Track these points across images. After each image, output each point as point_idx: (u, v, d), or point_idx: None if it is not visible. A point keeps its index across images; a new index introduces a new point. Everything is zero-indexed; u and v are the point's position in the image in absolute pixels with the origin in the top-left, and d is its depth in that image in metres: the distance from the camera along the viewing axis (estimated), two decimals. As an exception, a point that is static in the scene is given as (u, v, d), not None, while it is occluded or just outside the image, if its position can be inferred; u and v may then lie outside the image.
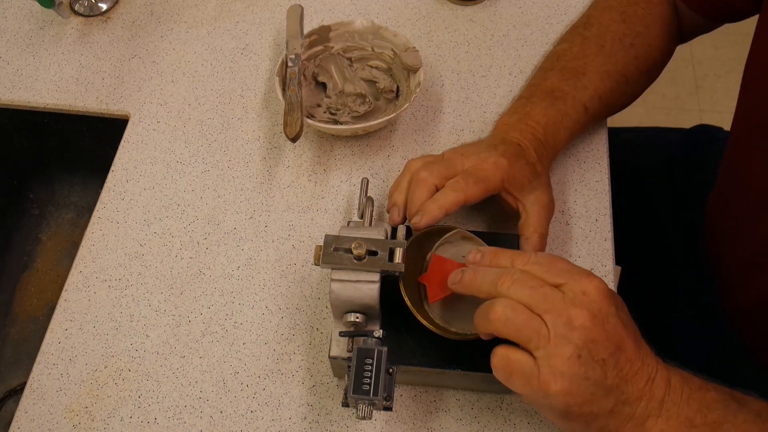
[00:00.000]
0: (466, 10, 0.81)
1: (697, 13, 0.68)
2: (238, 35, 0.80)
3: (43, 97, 0.75)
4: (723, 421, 0.43)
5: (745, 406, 0.44)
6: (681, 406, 0.44)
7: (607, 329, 0.43)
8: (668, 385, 0.44)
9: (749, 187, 0.63)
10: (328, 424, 0.56)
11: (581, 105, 0.64)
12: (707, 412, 0.44)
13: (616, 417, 0.44)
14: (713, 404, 0.44)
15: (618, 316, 0.44)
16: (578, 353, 0.43)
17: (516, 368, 0.45)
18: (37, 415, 0.57)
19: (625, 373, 0.44)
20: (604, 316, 0.44)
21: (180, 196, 0.68)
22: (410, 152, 0.70)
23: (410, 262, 0.54)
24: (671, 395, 0.44)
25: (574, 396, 0.43)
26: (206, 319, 0.61)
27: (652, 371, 0.44)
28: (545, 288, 0.44)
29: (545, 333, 0.43)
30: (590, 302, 0.44)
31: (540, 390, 0.43)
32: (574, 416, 0.44)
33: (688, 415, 0.44)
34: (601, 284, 0.45)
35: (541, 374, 0.43)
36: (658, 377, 0.44)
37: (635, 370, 0.44)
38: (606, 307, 0.44)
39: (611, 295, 0.45)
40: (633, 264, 0.87)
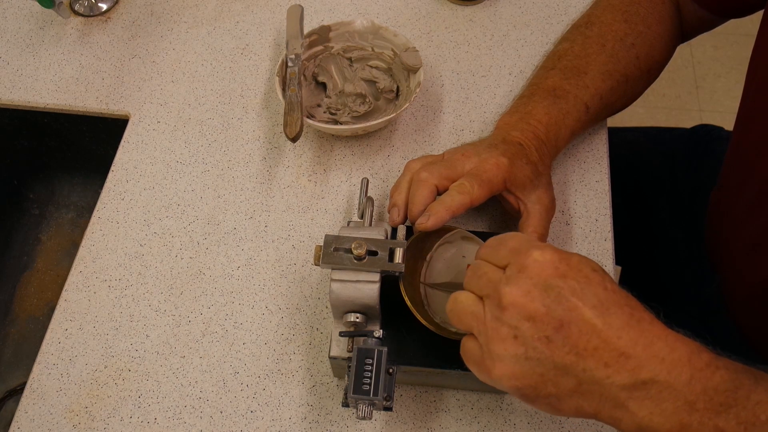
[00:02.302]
0: (466, 10, 0.81)
1: (702, 8, 0.68)
2: (238, 35, 0.80)
3: (43, 97, 0.75)
4: (732, 404, 0.38)
5: (761, 384, 0.39)
6: (679, 387, 0.39)
7: (550, 304, 0.40)
8: (661, 363, 0.39)
9: (754, 177, 0.63)
10: (328, 424, 0.56)
11: (582, 104, 0.64)
12: (713, 394, 0.39)
13: (586, 397, 0.41)
14: (722, 385, 0.39)
15: (570, 286, 0.40)
16: (514, 333, 0.40)
17: (469, 357, 0.44)
18: (37, 415, 0.57)
19: (581, 348, 0.39)
20: (543, 288, 0.40)
21: (180, 196, 0.68)
22: (410, 152, 0.70)
23: (410, 262, 0.54)
24: (665, 375, 0.39)
25: (521, 379, 0.41)
26: (206, 319, 0.61)
27: (626, 346, 0.39)
28: (489, 272, 0.43)
29: (482, 317, 0.42)
30: (527, 277, 0.40)
31: (488, 376, 0.42)
32: (534, 399, 0.42)
33: (688, 399, 0.39)
34: (544, 255, 0.41)
35: (485, 360, 0.42)
36: (640, 354, 0.39)
37: (595, 344, 0.39)
38: (548, 279, 0.40)
39: (560, 265, 0.41)
40: (633, 264, 0.87)
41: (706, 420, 0.38)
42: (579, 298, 0.40)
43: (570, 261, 0.41)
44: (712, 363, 0.40)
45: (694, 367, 0.39)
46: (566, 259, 0.41)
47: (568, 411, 0.42)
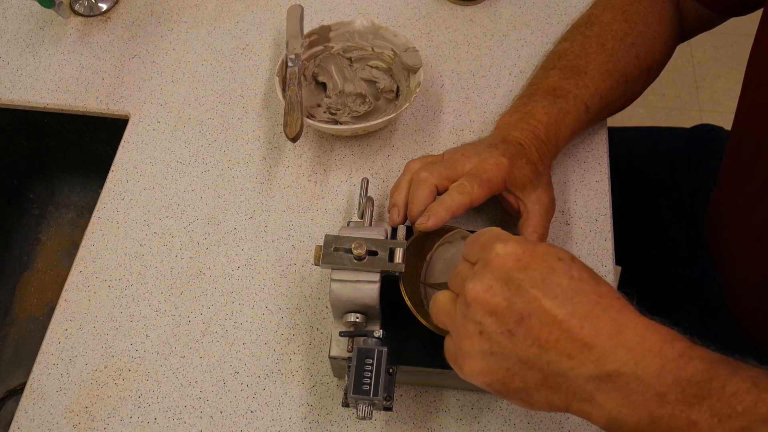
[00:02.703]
0: (466, 10, 0.81)
1: (703, 6, 0.68)
2: (238, 35, 0.80)
3: (43, 97, 0.75)
4: (706, 396, 0.36)
5: (738, 374, 0.37)
6: (647, 379, 0.37)
7: (511, 297, 0.39)
8: (628, 353, 0.37)
9: (754, 176, 0.63)
10: (328, 424, 0.56)
11: (582, 104, 0.64)
12: (686, 386, 0.37)
13: (554, 390, 0.40)
14: (695, 377, 0.37)
15: (531, 278, 0.39)
16: (479, 329, 0.40)
17: (447, 355, 0.44)
18: (37, 415, 0.57)
19: (543, 340, 0.38)
20: (504, 282, 0.40)
21: (180, 196, 0.68)
22: (410, 152, 0.70)
23: (410, 262, 0.54)
24: (632, 366, 0.37)
25: (489, 374, 0.41)
26: (206, 319, 0.61)
27: (589, 336, 0.38)
28: (462, 270, 0.43)
29: (453, 315, 0.42)
30: (489, 272, 0.40)
31: (460, 373, 0.42)
32: (506, 395, 0.41)
33: (658, 390, 0.37)
34: (506, 248, 0.40)
35: (457, 357, 0.42)
36: (604, 344, 0.38)
37: (557, 335, 0.38)
38: (509, 272, 0.40)
39: (522, 256, 0.40)
40: (633, 264, 0.87)
41: (678, 412, 0.36)
42: (540, 289, 0.39)
43: (534, 252, 0.40)
44: (686, 353, 0.38)
45: (665, 357, 0.37)
46: (530, 250, 0.40)
47: (540, 405, 0.41)
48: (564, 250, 0.41)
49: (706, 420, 0.36)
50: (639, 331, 0.38)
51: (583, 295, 0.39)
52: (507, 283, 0.40)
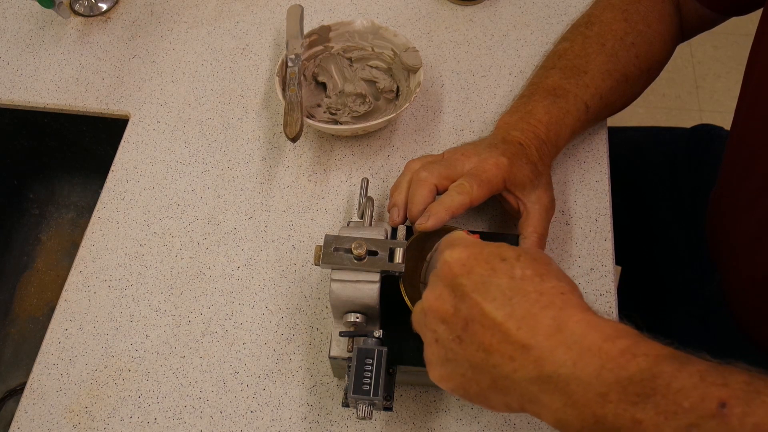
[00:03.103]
0: (466, 10, 0.81)
1: (703, 5, 0.68)
2: (238, 35, 0.80)
3: (43, 97, 0.75)
4: (650, 394, 0.35)
5: (684, 370, 0.35)
6: (587, 379, 0.36)
7: (456, 303, 0.40)
8: (566, 353, 0.37)
9: (754, 174, 0.63)
10: (328, 424, 0.56)
11: (583, 103, 0.64)
12: (627, 384, 0.35)
13: (505, 393, 0.39)
14: (637, 375, 0.36)
15: (473, 282, 0.39)
16: (435, 338, 0.41)
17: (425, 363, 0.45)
18: (37, 415, 0.57)
19: (487, 344, 0.38)
20: (451, 289, 0.40)
21: (180, 196, 0.68)
22: (410, 152, 0.70)
23: (410, 262, 0.54)
24: (570, 366, 0.36)
25: (448, 381, 0.41)
26: (206, 319, 0.61)
27: (526, 337, 0.37)
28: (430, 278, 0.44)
29: (420, 324, 0.44)
30: (439, 280, 0.41)
31: (430, 380, 0.44)
32: (469, 399, 0.42)
33: (599, 390, 0.36)
34: (453, 254, 0.41)
35: (426, 364, 0.44)
36: (542, 344, 0.37)
37: (498, 338, 0.38)
38: (455, 278, 0.40)
39: (467, 261, 0.40)
40: (633, 264, 0.87)
41: (621, 411, 0.35)
42: (479, 293, 0.39)
43: (480, 255, 0.40)
44: (628, 350, 0.36)
45: (605, 355, 0.36)
46: (476, 254, 0.41)
47: (499, 408, 0.41)
48: (512, 249, 0.41)
49: (651, 418, 0.35)
50: (578, 329, 0.37)
51: (521, 295, 0.39)
52: (453, 290, 0.40)
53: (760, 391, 0.33)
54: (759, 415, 0.33)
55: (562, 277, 0.41)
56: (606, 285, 0.62)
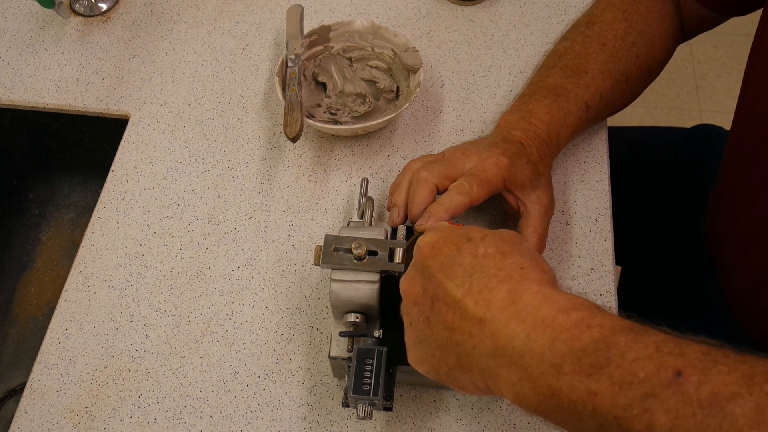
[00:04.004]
0: (466, 10, 0.81)
1: (704, 6, 0.68)
2: (238, 35, 0.80)
3: (43, 97, 0.75)
4: (605, 365, 0.34)
5: (640, 341, 0.35)
6: (540, 351, 0.36)
7: (425, 285, 0.41)
8: (520, 325, 0.37)
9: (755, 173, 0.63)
10: (328, 424, 0.56)
11: (583, 103, 0.64)
12: (581, 355, 0.35)
13: (469, 372, 0.40)
14: (591, 346, 0.35)
15: (439, 263, 0.40)
16: (409, 321, 0.42)
17: None
18: (37, 415, 0.57)
19: (449, 322, 0.39)
20: (421, 271, 0.41)
21: (180, 196, 0.68)
22: (410, 152, 0.70)
23: (410, 262, 0.54)
24: (523, 338, 0.36)
25: (422, 362, 0.42)
26: (206, 319, 0.61)
27: (482, 311, 0.38)
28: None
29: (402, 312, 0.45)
30: (413, 264, 0.43)
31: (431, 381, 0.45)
32: (442, 380, 0.42)
33: (553, 362, 0.36)
34: (425, 238, 0.43)
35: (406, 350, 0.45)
36: (497, 317, 0.37)
37: (459, 315, 0.39)
38: (424, 261, 0.42)
39: (436, 243, 0.42)
40: (633, 264, 0.87)
41: (576, 383, 0.35)
42: (444, 272, 0.40)
43: (449, 237, 0.42)
44: (582, 322, 0.36)
45: (558, 327, 0.36)
46: (446, 236, 0.42)
47: (469, 389, 0.41)
48: (480, 230, 0.42)
49: (606, 389, 0.34)
50: (532, 301, 0.37)
51: (481, 271, 0.39)
52: (422, 272, 0.41)
53: (718, 360, 0.33)
54: (715, 383, 0.32)
55: (529, 255, 0.41)
56: (606, 285, 0.62)
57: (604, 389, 0.34)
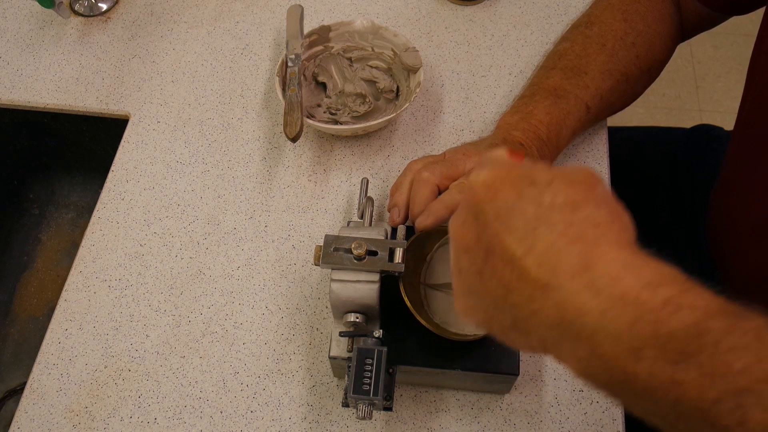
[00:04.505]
0: (466, 10, 0.81)
1: (703, 5, 0.68)
2: (238, 35, 0.80)
3: (43, 97, 0.75)
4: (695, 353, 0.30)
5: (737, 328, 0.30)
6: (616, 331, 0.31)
7: (479, 232, 0.35)
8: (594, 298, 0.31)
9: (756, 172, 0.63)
10: (328, 424, 0.56)
11: (583, 104, 0.64)
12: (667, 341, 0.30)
13: (527, 335, 0.35)
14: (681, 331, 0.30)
15: (496, 209, 0.34)
16: (458, 269, 0.36)
17: None
18: (37, 415, 0.57)
19: (506, 281, 0.33)
20: (475, 215, 0.35)
21: (180, 196, 0.68)
22: (410, 152, 0.70)
23: (410, 263, 0.54)
24: (596, 315, 0.31)
25: (473, 315, 0.37)
26: (206, 319, 0.61)
27: (546, 276, 0.32)
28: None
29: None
30: (465, 205, 0.36)
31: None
32: (494, 335, 0.37)
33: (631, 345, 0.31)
34: (479, 176, 0.35)
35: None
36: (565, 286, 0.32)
37: (517, 275, 0.33)
38: (478, 204, 0.35)
39: (493, 184, 0.35)
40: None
41: (657, 371, 0.30)
42: (502, 222, 0.33)
43: (507, 177, 0.35)
44: (672, 302, 0.30)
45: (642, 306, 0.30)
46: (503, 176, 0.35)
47: (525, 349, 0.36)
48: (546, 171, 0.35)
49: (694, 380, 0.29)
50: (612, 271, 0.31)
51: (547, 226, 0.33)
52: (477, 217, 0.35)
53: None
54: None
55: (605, 206, 0.35)
56: (606, 285, 0.62)
57: (691, 380, 0.30)
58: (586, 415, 0.56)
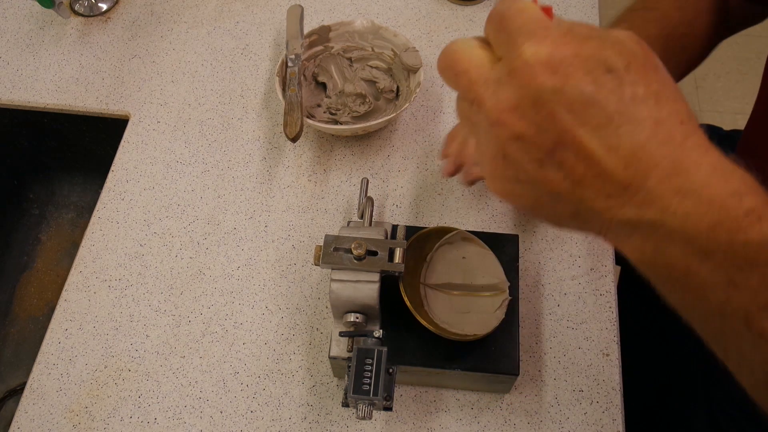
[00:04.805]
0: (466, 10, 0.81)
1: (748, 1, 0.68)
2: (238, 35, 0.80)
3: (43, 97, 0.75)
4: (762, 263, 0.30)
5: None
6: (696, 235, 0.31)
7: (540, 121, 0.31)
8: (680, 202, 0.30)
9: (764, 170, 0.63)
10: (328, 424, 0.56)
11: None
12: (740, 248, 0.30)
13: (586, 223, 0.34)
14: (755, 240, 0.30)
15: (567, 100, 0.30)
16: (502, 153, 0.33)
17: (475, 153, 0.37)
18: (37, 415, 0.57)
19: (578, 176, 0.31)
20: (533, 100, 0.30)
21: (180, 196, 0.68)
22: (410, 152, 0.70)
23: (410, 263, 0.54)
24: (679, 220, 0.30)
25: (514, 199, 0.35)
26: (206, 319, 0.61)
27: (633, 177, 0.30)
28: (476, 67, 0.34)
29: (471, 120, 0.34)
30: (516, 86, 0.31)
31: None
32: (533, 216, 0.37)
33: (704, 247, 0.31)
34: (539, 52, 0.30)
35: (481, 166, 0.36)
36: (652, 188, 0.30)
37: (595, 172, 0.31)
38: (540, 87, 0.30)
39: (559, 66, 0.30)
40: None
41: (719, 272, 0.30)
42: (577, 115, 0.30)
43: (577, 57, 0.30)
44: (754, 212, 0.30)
45: (726, 212, 0.30)
46: (571, 55, 0.30)
47: (569, 229, 0.35)
48: (618, 52, 0.31)
49: (752, 285, 0.30)
50: (702, 176, 0.30)
51: (632, 123, 0.30)
52: (536, 105, 0.30)
53: None
54: None
55: (675, 91, 0.32)
56: (606, 285, 0.62)
57: (749, 285, 0.30)
58: (586, 415, 0.56)
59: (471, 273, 0.55)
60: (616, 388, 0.57)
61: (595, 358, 0.58)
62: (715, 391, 0.69)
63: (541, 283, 0.62)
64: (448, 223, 0.65)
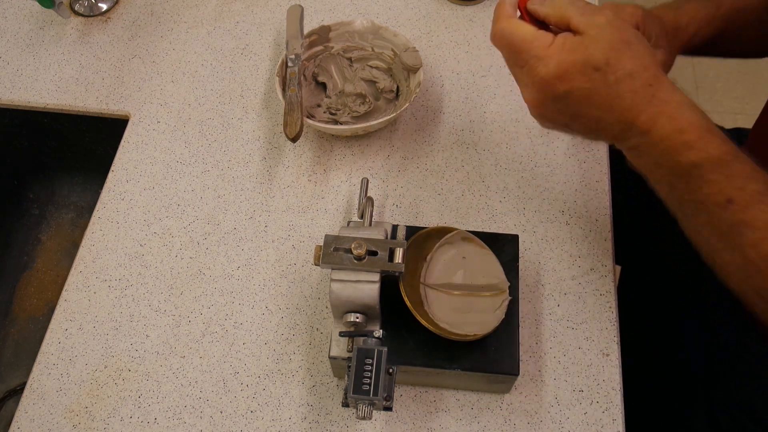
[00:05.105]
0: (466, 10, 0.81)
1: None
2: (238, 35, 0.80)
3: (43, 97, 0.75)
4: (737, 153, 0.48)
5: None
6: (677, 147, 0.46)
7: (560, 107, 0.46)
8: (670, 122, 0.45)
9: None
10: (328, 424, 0.56)
11: None
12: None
13: (603, 137, 0.48)
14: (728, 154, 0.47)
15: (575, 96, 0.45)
16: (540, 113, 0.48)
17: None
18: (37, 415, 0.57)
19: (593, 127, 0.46)
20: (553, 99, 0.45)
21: (180, 196, 0.68)
22: (410, 152, 0.70)
23: (410, 263, 0.54)
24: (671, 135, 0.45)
25: (549, 125, 0.49)
26: (206, 319, 0.61)
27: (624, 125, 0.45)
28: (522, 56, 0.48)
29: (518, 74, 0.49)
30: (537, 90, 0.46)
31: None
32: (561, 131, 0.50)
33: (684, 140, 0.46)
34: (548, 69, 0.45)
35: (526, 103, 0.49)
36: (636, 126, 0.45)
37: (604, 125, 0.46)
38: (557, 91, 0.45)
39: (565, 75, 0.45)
40: (633, 263, 0.87)
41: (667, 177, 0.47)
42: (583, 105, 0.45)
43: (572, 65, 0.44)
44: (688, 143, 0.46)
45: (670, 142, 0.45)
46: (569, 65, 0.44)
47: (588, 140, 0.52)
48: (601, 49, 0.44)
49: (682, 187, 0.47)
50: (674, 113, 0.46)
51: (619, 97, 0.44)
52: (556, 99, 0.46)
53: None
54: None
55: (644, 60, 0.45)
56: (606, 285, 0.62)
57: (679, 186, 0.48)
58: (586, 415, 0.56)
59: (471, 273, 0.55)
60: (616, 388, 0.57)
61: (595, 358, 0.58)
62: (715, 391, 0.69)
63: (540, 283, 0.62)
64: (448, 223, 0.65)
